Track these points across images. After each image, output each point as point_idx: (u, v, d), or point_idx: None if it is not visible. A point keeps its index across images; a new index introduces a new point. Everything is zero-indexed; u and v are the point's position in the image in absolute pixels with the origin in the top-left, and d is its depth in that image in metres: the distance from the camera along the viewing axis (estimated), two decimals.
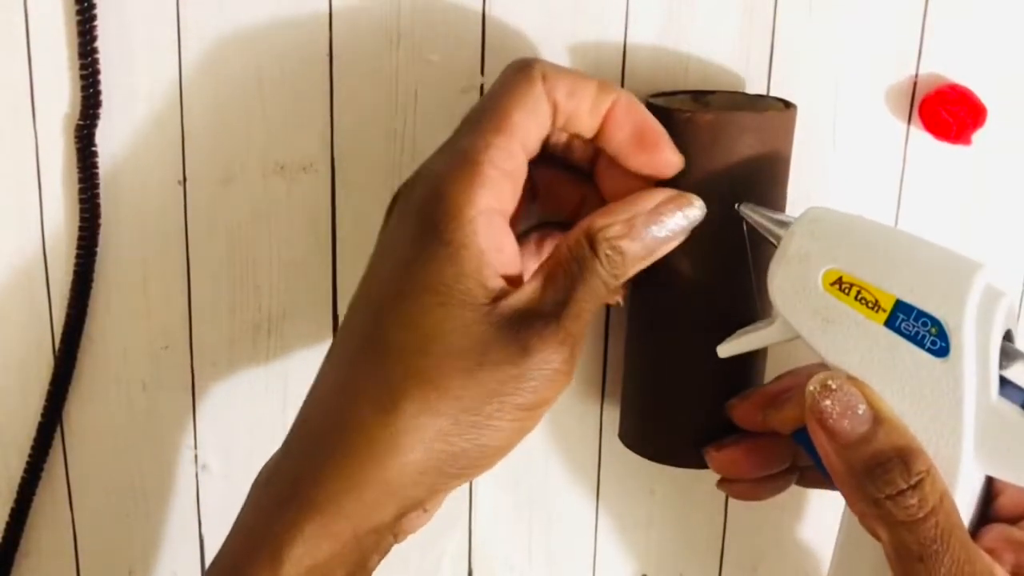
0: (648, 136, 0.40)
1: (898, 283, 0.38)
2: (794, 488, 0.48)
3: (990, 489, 0.41)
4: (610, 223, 0.38)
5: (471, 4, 0.45)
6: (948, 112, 0.47)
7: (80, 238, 0.46)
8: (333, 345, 0.40)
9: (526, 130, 0.38)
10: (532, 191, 0.44)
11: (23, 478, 0.48)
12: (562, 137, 0.42)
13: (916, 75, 0.48)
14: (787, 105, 0.45)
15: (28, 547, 0.50)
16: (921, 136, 0.48)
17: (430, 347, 0.36)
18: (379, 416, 0.36)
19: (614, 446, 0.49)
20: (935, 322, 0.38)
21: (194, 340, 0.49)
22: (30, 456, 0.48)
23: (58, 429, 0.49)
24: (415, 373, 0.36)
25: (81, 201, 0.45)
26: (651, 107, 0.44)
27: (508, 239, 0.38)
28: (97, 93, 0.44)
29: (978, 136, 0.48)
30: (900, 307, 0.38)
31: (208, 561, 0.52)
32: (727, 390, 0.46)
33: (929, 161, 0.49)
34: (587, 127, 0.40)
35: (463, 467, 0.37)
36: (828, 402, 0.38)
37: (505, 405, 0.37)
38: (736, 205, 0.42)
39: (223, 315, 0.48)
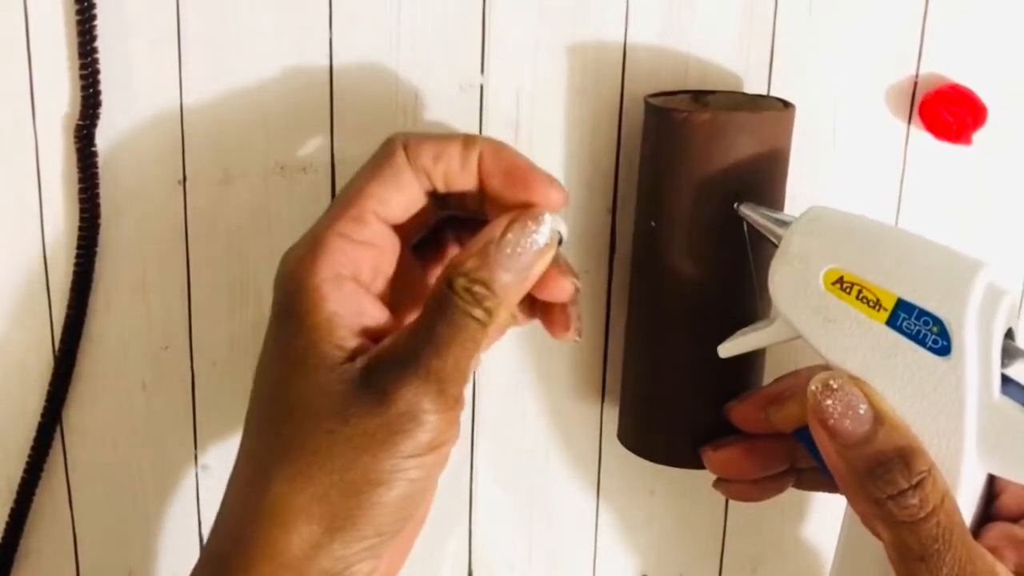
0: (517, 175, 0.40)
1: (899, 282, 0.38)
2: (794, 489, 0.48)
3: (992, 488, 0.41)
4: (463, 259, 0.38)
5: (471, 4, 0.45)
6: (948, 112, 0.47)
7: (80, 238, 0.46)
8: None
9: (381, 198, 0.39)
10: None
11: (23, 478, 0.48)
12: (459, 199, 0.41)
13: (916, 75, 0.48)
14: (786, 105, 0.45)
15: (28, 547, 0.50)
16: (921, 136, 0.48)
17: (293, 414, 0.37)
18: (255, 490, 0.37)
19: (614, 446, 0.49)
20: (937, 321, 0.37)
21: (194, 340, 0.49)
22: (30, 456, 0.48)
23: (58, 429, 0.49)
24: (282, 442, 0.37)
25: (81, 201, 0.45)
26: (649, 106, 0.44)
27: (367, 301, 0.38)
28: (97, 93, 0.44)
29: (978, 136, 0.48)
30: (901, 306, 0.38)
31: None
32: (726, 391, 0.46)
33: (929, 161, 0.49)
34: (466, 184, 0.40)
35: (366, 529, 0.37)
36: (830, 402, 0.38)
37: (380, 457, 0.36)
38: (735, 204, 0.42)
39: (223, 315, 0.48)
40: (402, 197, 0.39)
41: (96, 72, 0.44)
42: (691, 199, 0.43)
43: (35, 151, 0.45)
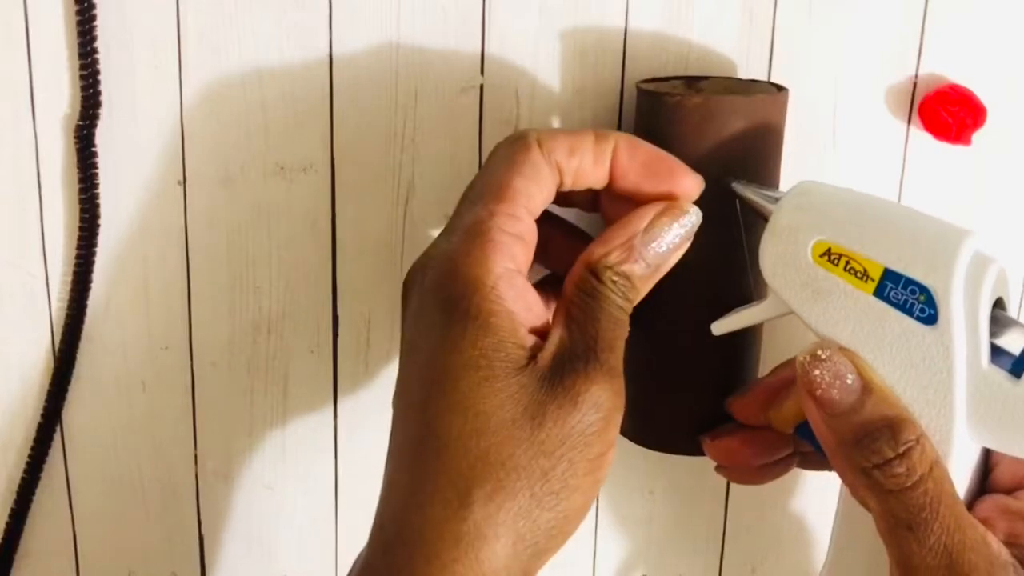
0: (660, 168, 0.40)
1: (886, 252, 0.38)
2: (795, 489, 0.48)
3: (987, 462, 0.41)
4: (608, 251, 0.38)
5: (471, 4, 0.45)
6: (948, 112, 0.47)
7: (80, 238, 0.46)
8: (390, 450, 0.38)
9: (527, 195, 0.38)
10: (543, 250, 0.44)
11: (23, 478, 0.48)
12: (576, 194, 0.41)
13: (916, 75, 0.48)
14: (779, 88, 0.45)
15: (28, 547, 0.50)
16: (921, 136, 0.48)
17: (486, 425, 0.35)
18: (455, 511, 0.35)
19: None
20: (923, 289, 0.37)
21: (194, 340, 0.49)
22: (30, 456, 0.48)
23: (58, 429, 0.49)
24: (478, 457, 0.35)
25: (81, 201, 0.45)
26: (641, 91, 0.44)
27: (532, 295, 0.38)
28: (97, 93, 0.44)
29: (978, 136, 0.48)
30: (888, 276, 0.38)
31: (207, 561, 0.52)
32: (722, 374, 0.45)
33: (929, 161, 0.49)
34: (596, 179, 0.40)
35: (553, 538, 0.36)
36: (818, 372, 0.38)
37: (575, 461, 0.36)
38: (730, 182, 0.42)
39: (223, 315, 0.48)
40: (542, 193, 0.39)
41: (96, 72, 0.44)
42: None
43: (35, 151, 0.45)
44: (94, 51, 0.44)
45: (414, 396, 0.37)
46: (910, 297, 0.38)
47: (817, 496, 0.53)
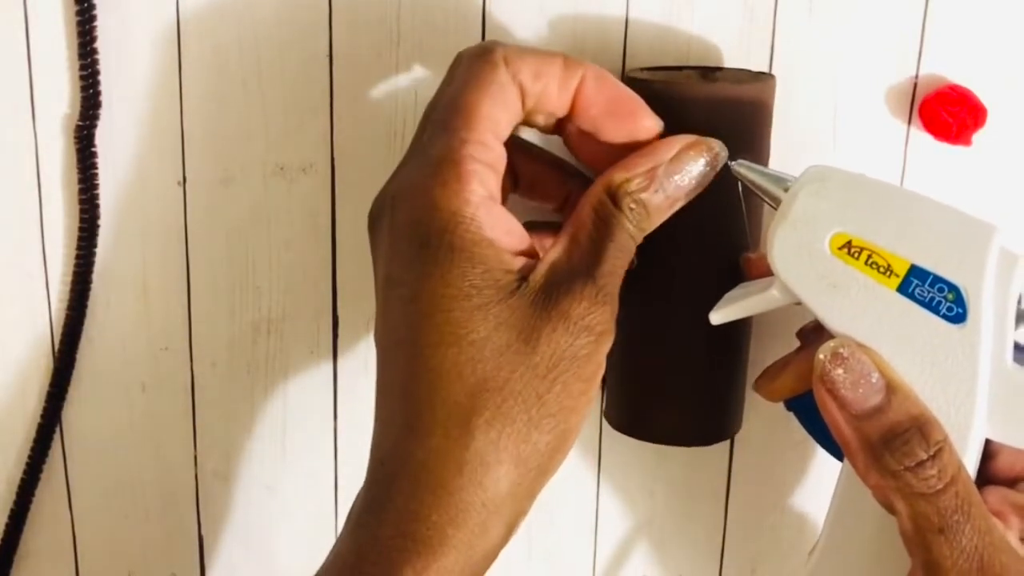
0: (623, 106, 0.39)
1: (912, 247, 0.37)
2: (794, 488, 0.48)
3: (986, 450, 0.41)
4: (630, 176, 0.37)
5: (471, 4, 0.45)
6: (948, 113, 0.47)
7: (80, 238, 0.46)
8: (380, 387, 0.38)
9: (496, 120, 0.37)
10: (513, 179, 0.43)
11: (23, 479, 0.48)
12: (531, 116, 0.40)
13: (916, 75, 0.48)
14: (768, 77, 0.44)
15: (27, 548, 0.50)
16: (921, 136, 0.48)
17: (480, 353, 0.35)
18: (456, 440, 0.35)
19: (614, 446, 0.49)
20: (952, 288, 0.37)
21: (194, 340, 0.49)
22: (30, 457, 0.48)
23: (58, 430, 0.49)
24: (475, 385, 0.35)
25: (81, 201, 0.45)
26: (628, 81, 0.44)
27: (511, 220, 0.37)
28: (97, 93, 0.44)
29: (978, 137, 0.48)
30: (915, 272, 0.37)
31: (207, 561, 0.52)
32: (710, 357, 0.45)
33: (929, 161, 0.49)
34: (558, 106, 0.39)
35: (553, 457, 0.36)
36: (840, 371, 0.37)
37: (568, 383, 0.36)
38: (729, 162, 0.41)
39: (223, 315, 0.48)
40: (508, 116, 0.38)
41: (96, 72, 0.44)
42: None
43: (35, 151, 0.45)
44: (94, 51, 0.44)
45: (401, 332, 0.37)
46: (937, 295, 0.37)
47: (818, 495, 0.53)
